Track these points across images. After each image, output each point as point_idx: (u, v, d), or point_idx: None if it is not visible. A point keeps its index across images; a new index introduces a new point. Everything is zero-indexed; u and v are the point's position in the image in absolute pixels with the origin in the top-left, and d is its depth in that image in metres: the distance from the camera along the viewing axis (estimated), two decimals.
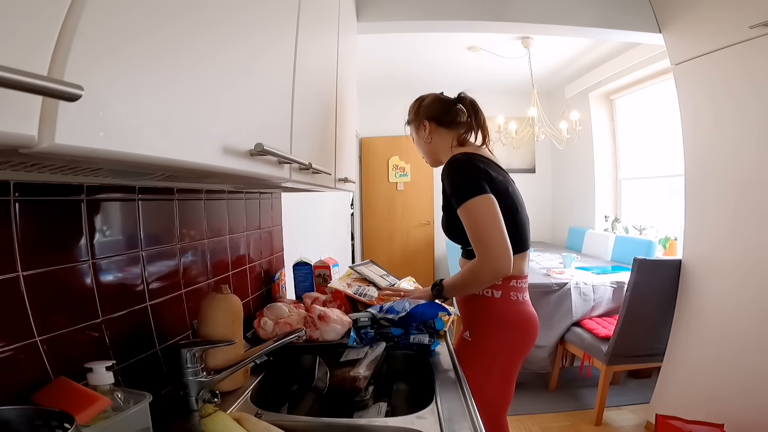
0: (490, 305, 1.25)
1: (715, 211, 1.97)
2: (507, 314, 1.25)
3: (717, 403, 1.87)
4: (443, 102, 1.38)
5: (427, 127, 1.36)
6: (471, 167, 1.20)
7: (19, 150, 0.30)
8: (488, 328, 1.25)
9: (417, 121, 1.38)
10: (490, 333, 1.25)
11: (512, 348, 1.27)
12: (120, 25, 0.36)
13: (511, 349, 1.27)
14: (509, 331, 1.25)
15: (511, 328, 1.25)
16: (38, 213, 0.64)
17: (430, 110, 1.36)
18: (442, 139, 1.35)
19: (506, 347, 1.26)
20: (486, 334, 1.25)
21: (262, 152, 0.59)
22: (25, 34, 0.28)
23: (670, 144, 3.08)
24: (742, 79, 1.77)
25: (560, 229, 4.71)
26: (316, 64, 1.02)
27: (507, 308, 1.25)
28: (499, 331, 1.25)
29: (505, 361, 1.27)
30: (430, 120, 1.35)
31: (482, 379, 1.23)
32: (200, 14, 0.49)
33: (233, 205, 1.29)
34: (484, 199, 1.15)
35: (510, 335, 1.25)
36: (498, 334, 1.25)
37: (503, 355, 1.26)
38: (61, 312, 0.66)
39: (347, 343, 1.15)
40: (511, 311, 1.25)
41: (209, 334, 0.89)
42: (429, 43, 3.28)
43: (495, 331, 1.25)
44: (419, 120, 1.38)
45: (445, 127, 1.35)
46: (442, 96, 1.41)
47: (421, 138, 1.38)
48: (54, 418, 0.52)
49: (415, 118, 1.39)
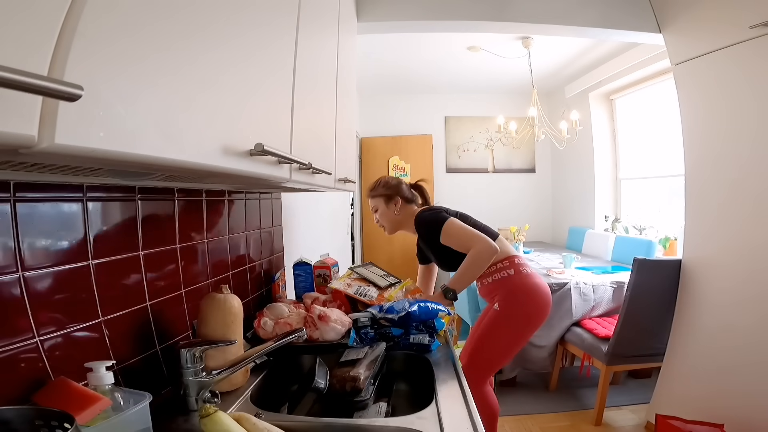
0: (511, 281, 1.61)
1: (715, 211, 1.97)
2: (525, 284, 1.61)
3: (717, 403, 1.87)
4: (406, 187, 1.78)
5: (399, 203, 1.72)
6: (431, 211, 1.70)
7: (19, 150, 0.30)
8: (513, 297, 1.60)
9: (389, 197, 1.72)
10: (514, 300, 1.60)
11: (529, 314, 1.61)
12: (120, 25, 0.36)
13: (528, 315, 1.61)
14: (527, 297, 1.60)
15: (527, 294, 1.61)
16: (38, 213, 0.64)
17: (400, 190, 1.74)
18: (407, 212, 1.74)
19: (523, 314, 1.61)
20: (512, 302, 1.60)
21: (262, 152, 0.59)
22: (25, 34, 0.28)
23: (670, 144, 3.08)
24: (742, 79, 1.77)
25: (560, 229, 4.71)
26: (316, 63, 1.02)
27: (522, 280, 1.62)
28: (521, 299, 1.60)
29: (520, 326, 1.62)
30: (402, 198, 1.73)
31: (498, 341, 1.61)
32: (200, 14, 0.49)
33: (233, 205, 1.29)
34: (450, 222, 1.61)
35: (528, 302, 1.60)
36: (520, 302, 1.60)
37: (521, 321, 1.61)
38: (61, 312, 0.66)
39: (347, 343, 1.15)
40: (525, 282, 1.62)
41: (209, 334, 0.89)
42: (429, 43, 3.28)
43: (518, 298, 1.60)
44: (393, 196, 1.72)
45: (409, 203, 1.75)
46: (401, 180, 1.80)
47: (391, 210, 1.73)
48: (54, 418, 0.52)
49: (386, 193, 1.73)
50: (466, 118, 4.79)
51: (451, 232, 1.59)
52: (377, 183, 1.77)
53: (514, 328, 1.62)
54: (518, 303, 1.60)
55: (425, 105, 4.73)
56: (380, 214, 1.75)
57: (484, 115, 4.70)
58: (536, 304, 1.61)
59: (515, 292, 1.60)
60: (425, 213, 1.69)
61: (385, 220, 1.76)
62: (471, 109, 4.76)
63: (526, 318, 1.61)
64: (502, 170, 4.84)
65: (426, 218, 1.67)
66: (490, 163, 4.83)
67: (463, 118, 4.79)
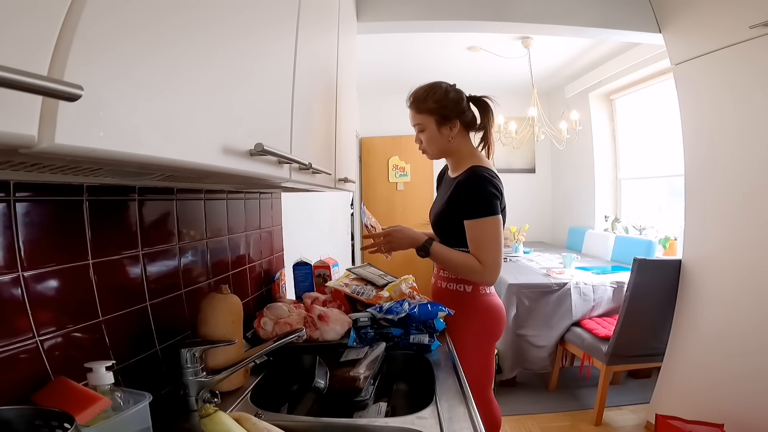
0: (466, 299, 1.38)
1: (715, 211, 1.97)
2: (480, 304, 1.39)
3: (717, 403, 1.87)
4: (471, 107, 1.38)
5: (456, 128, 1.35)
6: (494, 187, 1.29)
7: (19, 150, 0.30)
8: (466, 318, 1.36)
9: (442, 116, 1.32)
10: (467, 322, 1.37)
11: (488, 333, 1.41)
12: (120, 24, 0.36)
13: (488, 334, 1.41)
14: (483, 318, 1.39)
15: (484, 315, 1.39)
16: (38, 213, 0.64)
17: (461, 112, 1.35)
18: (465, 143, 1.39)
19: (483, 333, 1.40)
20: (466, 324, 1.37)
21: (262, 152, 0.59)
22: (25, 34, 0.28)
23: (670, 144, 3.08)
24: (743, 78, 1.77)
25: (560, 229, 4.71)
26: (316, 64, 1.02)
27: (478, 299, 1.39)
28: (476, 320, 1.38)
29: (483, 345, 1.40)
30: (461, 122, 1.35)
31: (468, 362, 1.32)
32: (200, 14, 0.49)
33: (233, 205, 1.29)
34: (496, 220, 1.28)
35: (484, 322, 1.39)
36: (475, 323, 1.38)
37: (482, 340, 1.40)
38: (61, 312, 0.66)
39: (347, 343, 1.15)
40: (481, 301, 1.39)
41: (209, 334, 0.89)
42: (429, 43, 3.28)
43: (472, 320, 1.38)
44: (449, 117, 1.33)
45: (470, 131, 1.39)
46: (470, 98, 1.40)
47: (443, 135, 1.35)
48: (54, 418, 0.52)
49: (440, 110, 1.32)
50: None
51: (484, 228, 1.27)
52: (428, 92, 1.33)
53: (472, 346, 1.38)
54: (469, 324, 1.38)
55: None
56: (427, 136, 1.36)
57: None
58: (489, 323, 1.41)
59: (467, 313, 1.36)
60: (486, 180, 1.28)
61: (432, 145, 1.37)
62: None
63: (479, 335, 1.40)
64: (502, 170, 4.76)
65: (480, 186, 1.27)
66: None
67: None
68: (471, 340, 1.37)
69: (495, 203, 1.28)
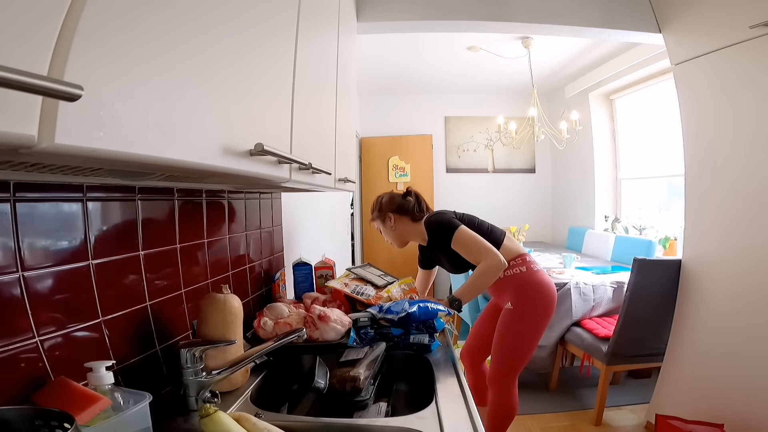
0: (523, 278, 1.67)
1: (715, 211, 1.97)
2: (536, 281, 1.68)
3: (717, 403, 1.87)
4: (396, 197, 1.77)
5: (392, 218, 1.73)
6: (442, 215, 1.71)
7: (19, 150, 0.30)
8: (526, 293, 1.66)
9: (382, 216, 1.75)
10: (527, 296, 1.66)
11: (541, 308, 1.67)
12: (120, 25, 0.36)
13: (541, 309, 1.67)
14: (539, 292, 1.67)
15: (538, 289, 1.67)
16: (38, 213, 0.64)
17: (390, 205, 1.73)
18: (403, 223, 1.74)
19: (537, 308, 1.66)
20: (525, 298, 1.66)
21: (262, 152, 0.59)
22: (25, 34, 0.28)
23: (670, 144, 3.08)
24: (743, 78, 1.77)
25: (560, 229, 4.71)
26: (316, 64, 1.02)
27: (533, 276, 1.68)
28: (533, 294, 1.66)
29: (536, 321, 1.67)
30: (393, 212, 1.73)
31: (519, 338, 1.66)
32: (200, 15, 0.49)
33: (233, 205, 1.29)
34: (462, 229, 1.62)
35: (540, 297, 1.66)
36: (533, 297, 1.66)
37: (536, 315, 1.66)
38: (61, 312, 0.66)
39: (347, 343, 1.15)
40: (537, 278, 1.68)
41: (209, 334, 0.90)
42: (429, 43, 3.28)
43: (531, 294, 1.66)
44: (383, 214, 1.74)
45: (403, 215, 1.73)
46: (393, 193, 1.80)
47: (388, 227, 1.74)
48: (54, 418, 0.52)
49: (379, 214, 1.76)
50: (466, 118, 4.79)
51: (462, 241, 1.60)
52: (372, 207, 1.81)
53: (532, 323, 1.67)
54: (531, 298, 1.66)
55: (425, 105, 4.73)
56: (384, 233, 1.80)
57: (484, 115, 4.70)
58: (547, 298, 1.68)
59: (528, 289, 1.66)
60: (436, 217, 1.70)
61: (389, 238, 1.79)
62: (471, 109, 4.76)
63: (540, 311, 1.67)
64: (502, 170, 4.84)
65: (438, 221, 1.68)
66: (490, 163, 4.83)
67: (463, 118, 4.79)
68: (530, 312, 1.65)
69: (452, 221, 1.65)
